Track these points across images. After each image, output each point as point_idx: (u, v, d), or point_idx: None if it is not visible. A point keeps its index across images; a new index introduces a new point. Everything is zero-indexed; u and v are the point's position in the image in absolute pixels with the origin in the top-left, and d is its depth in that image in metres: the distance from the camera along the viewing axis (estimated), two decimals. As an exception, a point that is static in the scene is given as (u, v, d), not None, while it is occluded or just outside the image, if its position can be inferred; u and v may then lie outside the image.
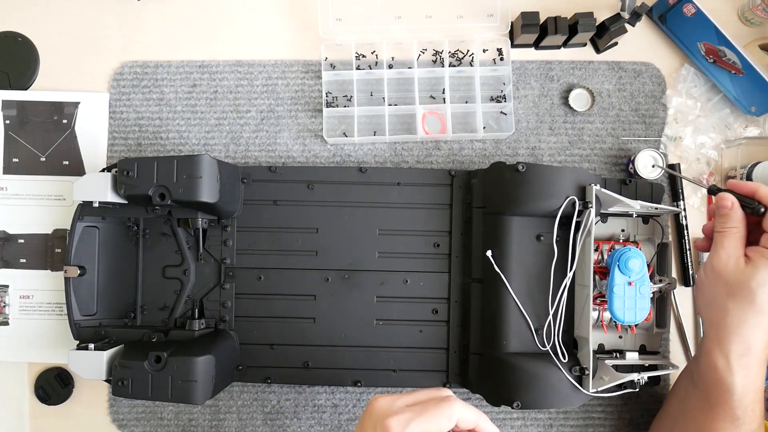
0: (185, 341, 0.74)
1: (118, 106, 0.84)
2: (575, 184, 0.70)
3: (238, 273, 0.78)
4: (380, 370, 0.76)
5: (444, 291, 0.77)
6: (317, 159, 0.83)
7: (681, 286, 0.82)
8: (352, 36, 0.83)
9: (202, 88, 0.84)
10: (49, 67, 0.84)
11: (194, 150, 0.83)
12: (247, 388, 0.82)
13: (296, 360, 0.77)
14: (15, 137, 0.83)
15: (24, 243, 0.83)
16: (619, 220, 0.77)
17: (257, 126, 0.84)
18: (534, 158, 0.83)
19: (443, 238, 0.77)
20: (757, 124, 0.83)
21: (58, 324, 0.82)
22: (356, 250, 0.77)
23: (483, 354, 0.73)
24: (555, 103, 0.84)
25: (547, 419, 0.81)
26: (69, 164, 0.83)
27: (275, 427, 0.81)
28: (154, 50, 0.85)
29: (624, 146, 0.83)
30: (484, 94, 0.83)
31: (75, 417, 0.82)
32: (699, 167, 0.83)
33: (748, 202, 0.65)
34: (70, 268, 0.73)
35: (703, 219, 0.83)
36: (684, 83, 0.83)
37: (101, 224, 0.76)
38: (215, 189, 0.70)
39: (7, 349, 0.82)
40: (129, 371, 0.67)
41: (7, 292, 0.82)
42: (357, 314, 0.77)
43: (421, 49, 0.84)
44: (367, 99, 0.83)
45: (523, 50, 0.85)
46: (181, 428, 0.82)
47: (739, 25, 0.85)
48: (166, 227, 0.78)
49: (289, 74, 0.84)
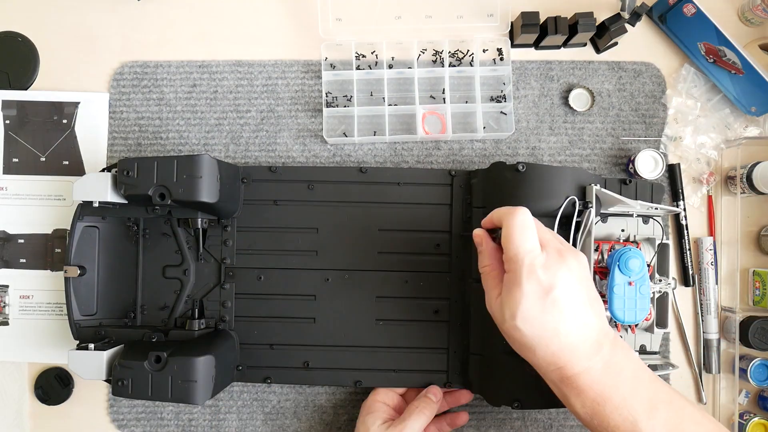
0: (185, 341, 0.74)
1: (118, 106, 0.84)
2: (575, 184, 0.70)
3: (238, 273, 0.78)
4: (381, 370, 0.76)
5: (444, 291, 0.77)
6: (317, 159, 0.83)
7: (681, 286, 0.82)
8: (352, 36, 0.83)
9: (202, 88, 0.84)
10: (49, 67, 0.84)
11: (194, 150, 0.83)
12: (247, 388, 0.82)
13: (296, 360, 0.77)
14: (15, 137, 0.83)
15: (24, 243, 0.83)
16: (619, 220, 0.77)
17: (257, 126, 0.84)
18: (534, 158, 0.83)
19: (444, 238, 0.77)
20: (757, 124, 0.84)
21: (58, 324, 0.82)
22: (356, 250, 0.77)
23: (483, 354, 0.73)
24: (555, 103, 0.84)
25: (547, 419, 0.81)
26: (69, 164, 0.83)
27: (275, 427, 0.81)
28: (154, 50, 0.85)
29: (624, 146, 0.83)
30: (484, 94, 0.83)
31: (75, 417, 0.82)
32: (699, 167, 0.83)
33: (493, 232, 0.65)
34: (70, 268, 0.73)
35: (704, 219, 0.83)
36: (684, 83, 0.83)
37: (101, 224, 0.76)
38: (215, 189, 0.70)
39: (7, 349, 0.82)
40: (129, 371, 0.67)
41: (7, 292, 0.82)
42: (357, 314, 0.77)
43: (421, 49, 0.84)
44: (367, 99, 0.83)
45: (523, 50, 0.85)
46: (181, 428, 0.82)
47: (739, 25, 0.85)
48: (166, 227, 0.78)
49: (289, 74, 0.84)
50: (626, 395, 0.56)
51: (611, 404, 0.56)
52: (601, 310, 0.60)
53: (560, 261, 0.57)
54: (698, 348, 0.82)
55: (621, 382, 0.57)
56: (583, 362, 0.57)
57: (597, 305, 0.59)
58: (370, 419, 0.72)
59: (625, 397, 0.56)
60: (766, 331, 0.79)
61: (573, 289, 0.57)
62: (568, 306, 0.56)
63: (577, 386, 0.57)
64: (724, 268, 0.83)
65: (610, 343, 0.58)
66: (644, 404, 0.56)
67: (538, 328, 0.56)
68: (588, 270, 0.60)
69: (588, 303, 0.58)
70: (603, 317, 0.60)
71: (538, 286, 0.56)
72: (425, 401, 0.73)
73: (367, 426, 0.72)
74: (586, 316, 0.57)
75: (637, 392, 0.57)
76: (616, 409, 0.56)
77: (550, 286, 0.56)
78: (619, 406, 0.56)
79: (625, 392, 0.57)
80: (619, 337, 0.60)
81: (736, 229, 0.82)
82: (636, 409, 0.56)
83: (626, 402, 0.56)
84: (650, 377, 0.59)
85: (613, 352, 0.58)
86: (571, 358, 0.57)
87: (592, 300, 0.59)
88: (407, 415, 0.71)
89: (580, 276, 0.58)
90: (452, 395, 0.78)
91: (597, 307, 0.59)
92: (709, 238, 0.82)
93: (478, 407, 0.81)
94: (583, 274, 0.59)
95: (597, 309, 0.59)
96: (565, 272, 0.57)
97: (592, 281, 0.61)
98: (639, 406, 0.56)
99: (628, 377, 0.58)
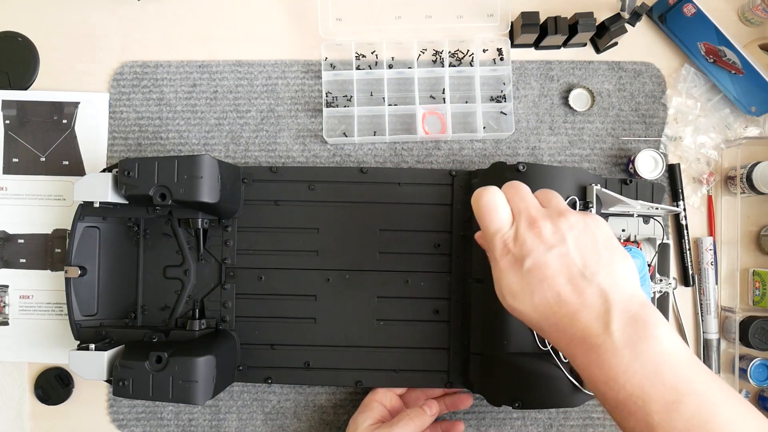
0: (186, 341, 0.74)
1: (118, 106, 0.84)
2: (576, 184, 0.71)
3: (239, 273, 0.78)
4: (381, 370, 0.76)
5: (445, 291, 0.77)
6: (317, 159, 0.83)
7: (681, 286, 0.83)
8: (352, 36, 0.83)
9: (202, 88, 0.84)
10: (49, 67, 0.84)
11: (194, 150, 0.83)
12: (247, 388, 0.82)
13: (297, 360, 0.77)
14: (15, 137, 0.83)
15: (24, 243, 0.82)
16: (620, 220, 0.77)
17: (257, 126, 0.84)
18: (534, 158, 0.83)
19: (444, 238, 0.77)
20: (757, 124, 0.84)
21: (57, 324, 0.82)
22: (357, 250, 0.77)
23: (484, 354, 0.73)
24: (555, 103, 0.84)
25: (547, 419, 0.81)
26: (69, 164, 0.83)
27: (275, 427, 0.81)
28: (154, 50, 0.85)
29: (624, 146, 0.83)
30: (484, 94, 0.83)
31: (75, 417, 0.82)
32: (699, 167, 0.83)
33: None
34: (71, 269, 0.73)
35: (703, 219, 0.83)
36: (684, 83, 0.83)
37: (102, 224, 0.76)
38: (216, 189, 0.70)
39: (7, 349, 0.82)
40: (130, 371, 0.67)
41: (7, 292, 0.82)
42: (358, 314, 0.77)
43: (421, 49, 0.84)
44: (367, 99, 0.83)
45: (523, 50, 0.85)
46: (181, 428, 0.82)
47: (739, 25, 0.85)
48: (167, 227, 0.78)
49: (289, 74, 0.84)
50: (644, 384, 0.47)
51: (624, 392, 0.48)
52: (608, 276, 0.51)
53: (530, 229, 0.52)
54: (698, 348, 0.82)
55: (638, 367, 0.48)
56: (592, 338, 0.49)
57: (602, 268, 0.51)
58: (361, 418, 0.73)
59: (642, 386, 0.47)
60: (766, 331, 0.79)
61: (550, 254, 0.51)
62: (549, 274, 0.51)
63: (596, 364, 0.49)
64: (724, 268, 0.83)
65: (626, 318, 0.49)
66: (664, 397, 0.47)
67: (528, 302, 0.52)
68: (583, 230, 0.53)
69: (580, 265, 0.51)
70: (614, 284, 0.51)
71: (512, 260, 0.52)
72: (418, 412, 0.72)
73: (357, 424, 0.72)
74: (576, 281, 0.51)
75: (658, 382, 0.47)
76: (630, 398, 0.48)
77: (521, 256, 0.52)
78: (633, 395, 0.47)
79: (642, 380, 0.47)
80: (649, 312, 0.50)
81: (736, 229, 0.82)
82: (652, 402, 0.47)
83: (644, 392, 0.47)
84: (684, 362, 0.48)
85: (632, 329, 0.49)
86: (574, 331, 0.50)
87: (589, 262, 0.51)
88: (396, 421, 0.71)
89: (559, 238, 0.52)
90: (452, 400, 0.78)
91: (598, 272, 0.51)
92: (709, 238, 0.83)
93: (478, 407, 0.81)
94: (566, 236, 0.52)
95: (596, 274, 0.51)
96: (534, 240, 0.52)
97: (595, 242, 0.52)
98: (657, 398, 0.47)
99: (649, 361, 0.48)
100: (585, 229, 0.53)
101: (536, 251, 0.52)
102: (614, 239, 0.54)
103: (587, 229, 0.53)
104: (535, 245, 0.52)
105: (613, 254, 0.52)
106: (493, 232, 0.54)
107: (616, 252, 0.53)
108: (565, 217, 0.53)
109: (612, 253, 0.52)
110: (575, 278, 0.51)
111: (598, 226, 0.54)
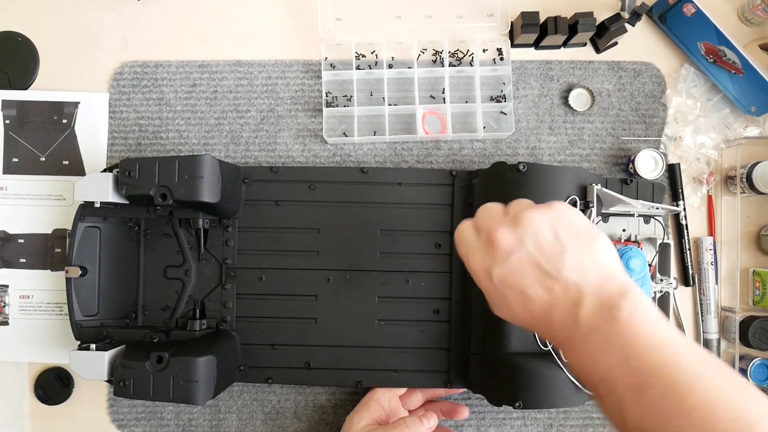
0: (186, 342, 0.74)
1: (118, 106, 0.84)
2: (576, 183, 0.71)
3: (240, 273, 0.78)
4: (382, 370, 0.76)
5: (445, 291, 0.77)
6: (317, 159, 0.83)
7: (681, 286, 0.83)
8: (352, 36, 0.83)
9: (202, 88, 0.84)
10: (49, 67, 0.84)
11: (194, 150, 0.83)
12: (247, 388, 0.82)
13: (298, 360, 0.77)
14: (15, 137, 0.83)
15: (24, 243, 0.82)
16: (621, 220, 0.77)
17: (257, 126, 0.84)
18: (534, 158, 0.83)
19: (445, 238, 0.77)
20: (757, 124, 0.84)
21: (58, 324, 0.82)
22: (357, 250, 0.77)
23: (484, 354, 0.73)
24: (555, 103, 0.84)
25: (547, 419, 0.82)
26: (69, 164, 0.83)
27: (275, 427, 0.81)
28: (154, 50, 0.85)
29: (624, 146, 0.83)
30: (484, 94, 0.83)
31: (75, 417, 0.82)
32: (699, 167, 0.83)
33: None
34: (72, 269, 0.73)
35: (703, 219, 0.83)
36: (684, 83, 0.83)
37: (102, 224, 0.76)
38: (217, 189, 0.70)
39: (7, 349, 0.82)
40: (130, 372, 0.67)
41: (7, 292, 0.82)
42: (358, 314, 0.77)
43: (421, 49, 0.84)
44: (367, 99, 0.83)
45: (523, 50, 0.85)
46: (181, 428, 0.81)
47: (739, 25, 0.85)
48: (168, 227, 0.78)
49: (289, 74, 0.84)
50: (612, 368, 0.47)
51: (596, 377, 0.49)
52: (573, 269, 0.51)
53: (489, 243, 0.54)
54: (698, 347, 0.82)
55: (606, 352, 0.48)
56: (566, 330, 0.51)
57: (567, 261, 0.51)
58: (357, 417, 0.73)
59: (610, 370, 0.47)
60: (766, 331, 0.79)
61: (510, 261, 0.52)
62: (515, 280, 0.52)
63: (574, 354, 0.51)
64: (724, 268, 0.83)
65: (595, 305, 0.49)
66: (630, 380, 0.47)
67: (508, 312, 0.54)
68: (543, 225, 0.52)
69: (544, 263, 0.51)
70: (582, 275, 0.51)
71: (486, 276, 0.54)
72: (415, 420, 0.71)
73: (351, 422, 0.73)
74: (545, 281, 0.51)
75: (624, 365, 0.47)
76: (601, 383, 0.48)
77: (489, 271, 0.54)
78: (603, 380, 0.48)
79: (610, 364, 0.48)
80: (621, 294, 0.49)
81: (736, 229, 0.82)
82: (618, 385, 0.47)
83: (611, 376, 0.47)
84: (653, 344, 0.47)
85: (599, 316, 0.49)
86: (555, 328, 0.51)
87: (553, 258, 0.51)
88: (391, 428, 0.71)
89: (516, 242, 0.52)
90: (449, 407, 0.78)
91: (563, 267, 0.51)
92: (709, 238, 0.83)
93: (478, 407, 0.81)
94: (523, 238, 0.52)
95: (562, 270, 0.51)
96: (493, 252, 0.53)
97: (556, 233, 0.52)
98: (622, 381, 0.47)
99: (615, 345, 0.48)
100: (544, 223, 0.52)
101: (497, 262, 0.53)
102: (579, 222, 0.53)
103: (546, 221, 0.53)
104: (495, 257, 0.53)
105: (579, 240, 0.52)
106: (470, 258, 0.56)
107: (581, 237, 0.52)
108: (522, 217, 0.53)
109: (577, 240, 0.52)
110: (543, 278, 0.52)
111: (558, 214, 0.53)
